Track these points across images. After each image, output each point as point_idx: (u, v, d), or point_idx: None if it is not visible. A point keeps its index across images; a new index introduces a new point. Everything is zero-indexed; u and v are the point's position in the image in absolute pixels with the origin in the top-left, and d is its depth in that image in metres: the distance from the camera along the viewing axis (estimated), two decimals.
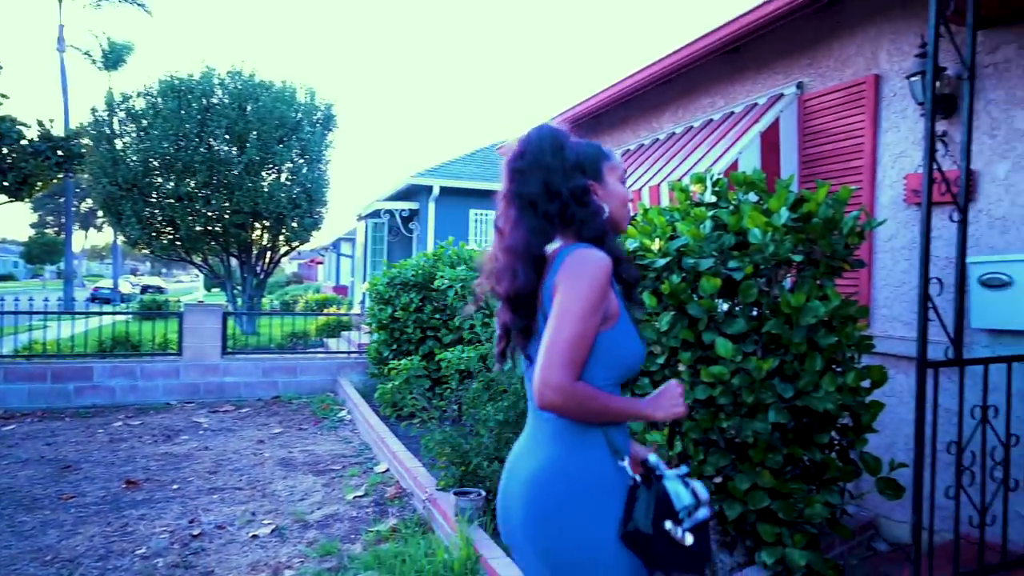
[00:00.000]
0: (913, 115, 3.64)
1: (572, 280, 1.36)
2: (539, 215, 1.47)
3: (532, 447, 1.50)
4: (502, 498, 1.54)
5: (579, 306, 1.34)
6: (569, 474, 1.41)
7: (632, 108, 6.36)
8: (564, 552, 1.39)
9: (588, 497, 1.40)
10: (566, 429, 1.44)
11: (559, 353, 1.32)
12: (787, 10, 4.05)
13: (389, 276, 7.23)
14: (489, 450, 4.06)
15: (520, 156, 1.52)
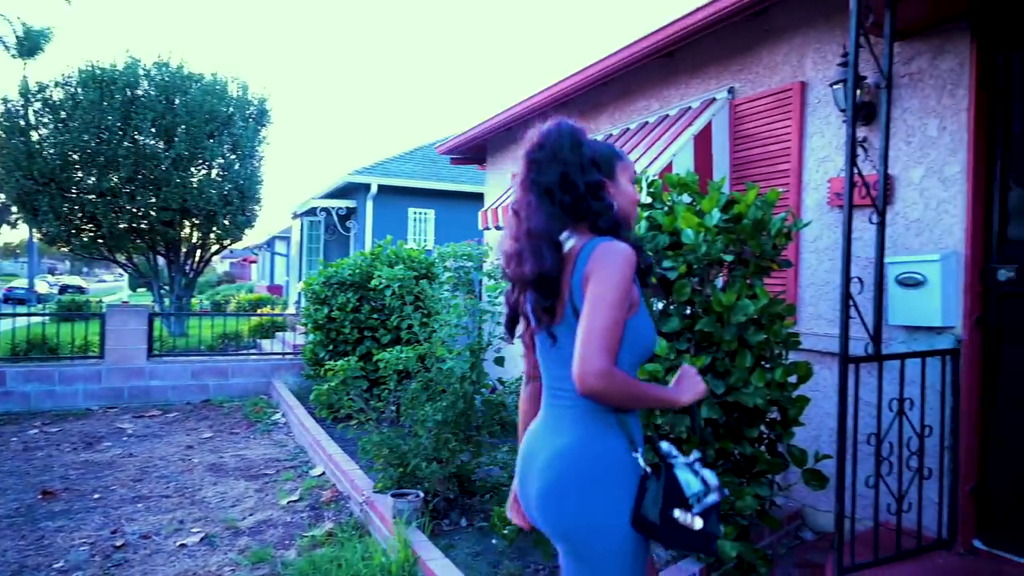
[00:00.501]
0: (836, 121, 3.80)
1: (604, 271, 1.45)
2: (556, 204, 1.55)
3: (552, 431, 1.57)
4: (522, 474, 1.64)
5: (612, 295, 1.43)
6: (588, 458, 1.50)
7: (570, 109, 6.42)
8: (574, 529, 1.49)
9: (602, 481, 1.49)
10: (587, 417, 1.52)
11: (597, 340, 1.40)
12: (718, 17, 4.17)
13: (325, 275, 7.08)
14: (428, 451, 4.03)
15: (539, 147, 1.59)
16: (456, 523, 3.96)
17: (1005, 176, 3.10)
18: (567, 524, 1.50)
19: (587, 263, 1.48)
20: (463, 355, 4.12)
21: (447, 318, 4.27)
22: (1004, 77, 3.11)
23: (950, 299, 3.15)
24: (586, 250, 1.50)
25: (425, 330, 4.55)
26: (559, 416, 1.58)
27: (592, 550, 1.49)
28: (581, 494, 1.49)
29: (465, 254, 4.85)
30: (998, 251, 3.11)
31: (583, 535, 1.49)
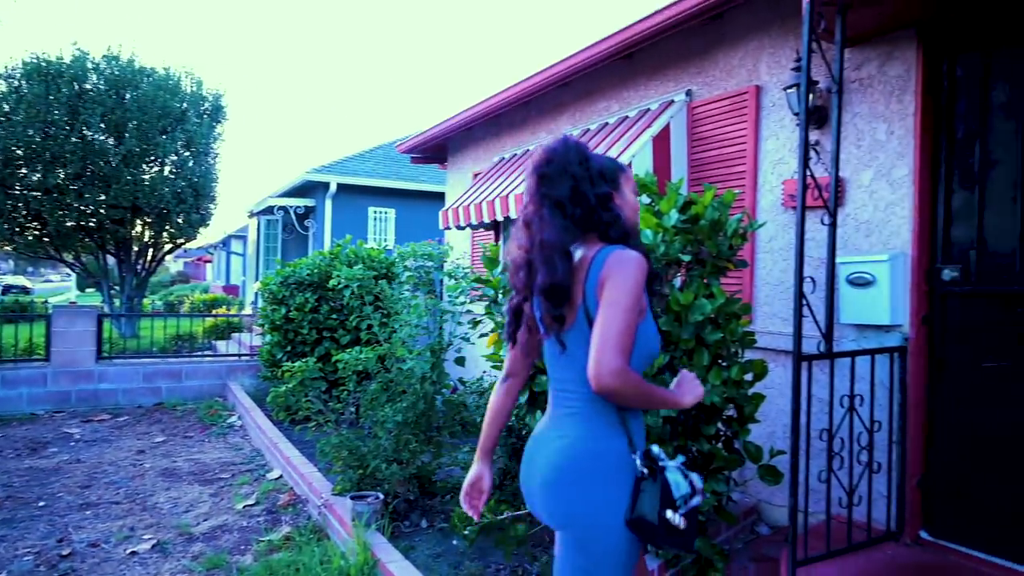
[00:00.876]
0: (790, 124, 3.89)
1: (619, 277, 1.53)
2: (567, 216, 1.63)
3: (557, 429, 1.66)
4: (526, 468, 1.72)
5: (627, 300, 1.51)
6: (590, 455, 1.58)
7: (532, 109, 6.44)
8: (575, 520, 1.58)
9: (603, 478, 1.57)
10: (593, 418, 1.61)
11: (613, 341, 1.47)
12: (676, 20, 4.22)
13: (283, 275, 6.96)
14: (388, 452, 3.99)
15: (548, 162, 1.67)
16: (417, 524, 3.93)
17: (949, 179, 3.21)
18: (568, 515, 1.58)
19: (601, 269, 1.56)
20: (424, 355, 4.09)
21: (407, 318, 4.24)
22: (948, 84, 3.22)
23: (898, 298, 3.25)
24: (599, 257, 1.58)
25: (385, 330, 4.51)
26: (565, 416, 1.65)
27: (591, 542, 1.57)
28: (582, 488, 1.57)
29: (426, 254, 4.83)
30: (943, 252, 3.22)
31: (583, 527, 1.58)
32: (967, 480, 3.08)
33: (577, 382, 1.60)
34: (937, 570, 2.95)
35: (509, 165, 6.32)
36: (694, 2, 4.04)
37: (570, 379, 1.64)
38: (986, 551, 2.98)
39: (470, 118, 6.97)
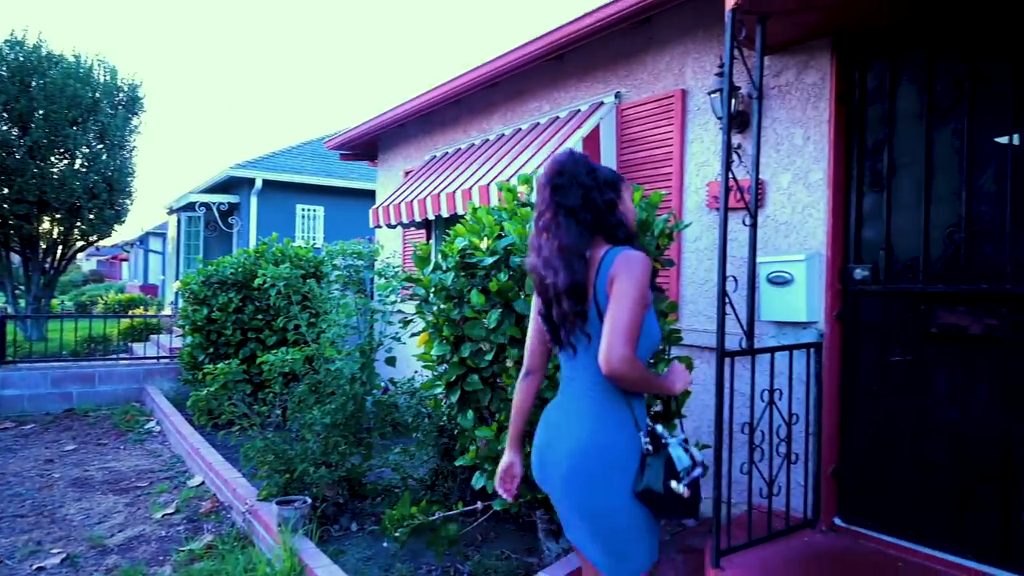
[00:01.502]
0: (714, 128, 4.01)
1: (627, 274, 1.71)
2: (580, 222, 1.81)
3: (574, 421, 1.83)
4: (541, 458, 1.90)
5: (635, 294, 1.69)
6: (607, 447, 1.77)
7: (464, 108, 6.42)
8: (598, 505, 1.77)
9: (618, 465, 1.76)
10: (603, 407, 1.80)
11: (622, 331, 1.66)
12: (605, 23, 4.29)
13: (205, 274, 6.71)
14: (316, 455, 3.90)
15: (559, 174, 1.85)
16: (347, 528, 3.86)
17: (861, 183, 3.38)
18: (591, 503, 1.77)
19: (611, 268, 1.74)
20: (353, 356, 4.02)
21: (336, 318, 4.15)
22: (859, 92, 3.39)
23: (814, 296, 3.40)
24: (608, 257, 1.77)
25: (313, 331, 4.40)
26: (577, 406, 1.84)
27: (610, 522, 1.77)
28: (602, 479, 1.76)
29: (355, 252, 4.75)
30: (855, 252, 3.39)
31: (604, 511, 1.77)
32: (877, 468, 3.25)
33: (589, 370, 1.79)
34: (848, 554, 3.10)
35: (441, 163, 6.28)
36: (622, 6, 4.12)
37: (582, 367, 1.82)
38: (894, 535, 3.15)
39: (401, 115, 6.89)
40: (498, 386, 3.04)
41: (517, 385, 2.09)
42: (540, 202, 1.87)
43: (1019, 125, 2.82)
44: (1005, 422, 2.83)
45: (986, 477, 2.89)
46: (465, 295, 3.01)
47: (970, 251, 2.97)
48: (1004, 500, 2.82)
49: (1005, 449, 2.82)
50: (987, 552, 2.87)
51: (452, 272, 3.05)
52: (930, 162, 3.11)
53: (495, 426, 3.01)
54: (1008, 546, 2.78)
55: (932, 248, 3.10)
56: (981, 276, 2.93)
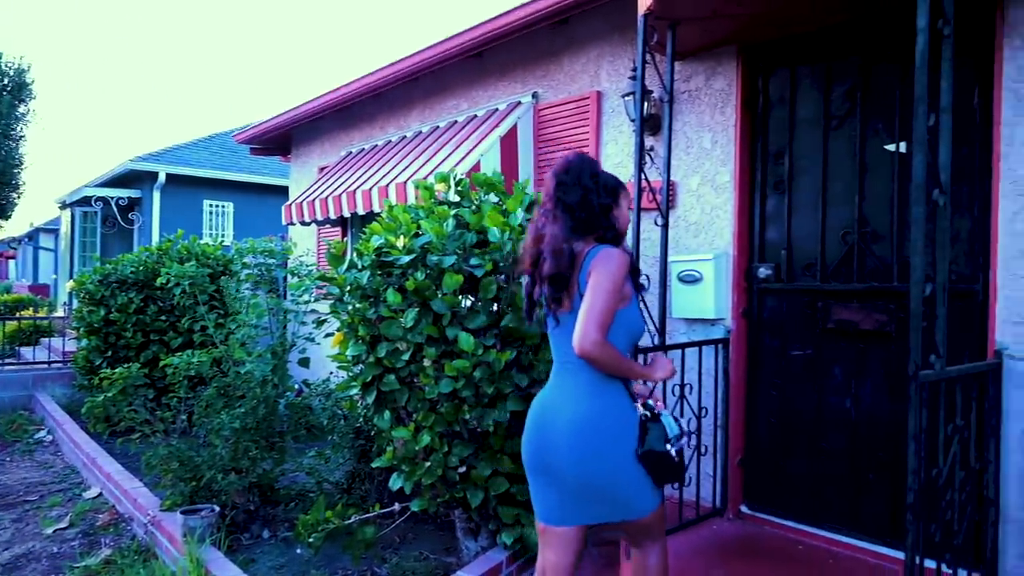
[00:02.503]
0: (628, 130, 4.11)
1: (603, 268, 1.89)
2: (574, 219, 1.98)
3: (567, 396, 1.99)
4: (537, 438, 2.02)
5: (608, 285, 1.87)
6: (605, 416, 1.95)
7: (382, 104, 6.31)
8: (603, 473, 1.93)
9: (617, 432, 1.94)
10: (597, 382, 1.96)
11: (594, 317, 1.84)
12: (523, 23, 4.32)
13: (103, 273, 6.31)
14: (224, 461, 3.74)
15: (566, 172, 2.02)
16: (258, 536, 3.73)
17: (764, 186, 3.54)
18: (597, 472, 1.93)
19: (591, 263, 1.92)
20: (265, 357, 3.88)
21: (246, 318, 4.00)
22: (763, 98, 3.55)
23: (721, 294, 3.54)
24: (591, 254, 1.95)
25: (221, 332, 4.22)
26: (571, 383, 1.99)
27: (619, 485, 1.95)
28: (606, 447, 1.93)
29: (267, 250, 4.59)
30: (759, 252, 3.55)
31: (611, 476, 1.94)
32: (780, 457, 3.42)
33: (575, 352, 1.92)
34: (752, 540, 3.25)
35: (358, 160, 6.15)
36: (540, 6, 4.16)
37: (570, 350, 1.93)
38: (796, 519, 3.33)
39: (317, 109, 6.71)
40: (415, 386, 3.01)
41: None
42: (544, 193, 2.08)
43: (905, 135, 3.03)
44: (892, 411, 3.04)
45: (877, 462, 3.09)
46: (381, 294, 2.96)
47: (862, 251, 3.17)
48: (893, 483, 3.02)
49: (893, 436, 3.02)
50: (879, 532, 3.07)
51: (368, 271, 2.99)
52: (827, 167, 3.29)
53: (412, 426, 2.97)
54: (897, 526, 2.98)
55: (829, 248, 3.28)
56: (872, 275, 3.13)
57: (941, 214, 2.21)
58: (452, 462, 2.92)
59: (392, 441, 3.13)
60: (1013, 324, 2.61)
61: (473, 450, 2.93)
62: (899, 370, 2.99)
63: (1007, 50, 2.65)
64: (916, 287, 2.07)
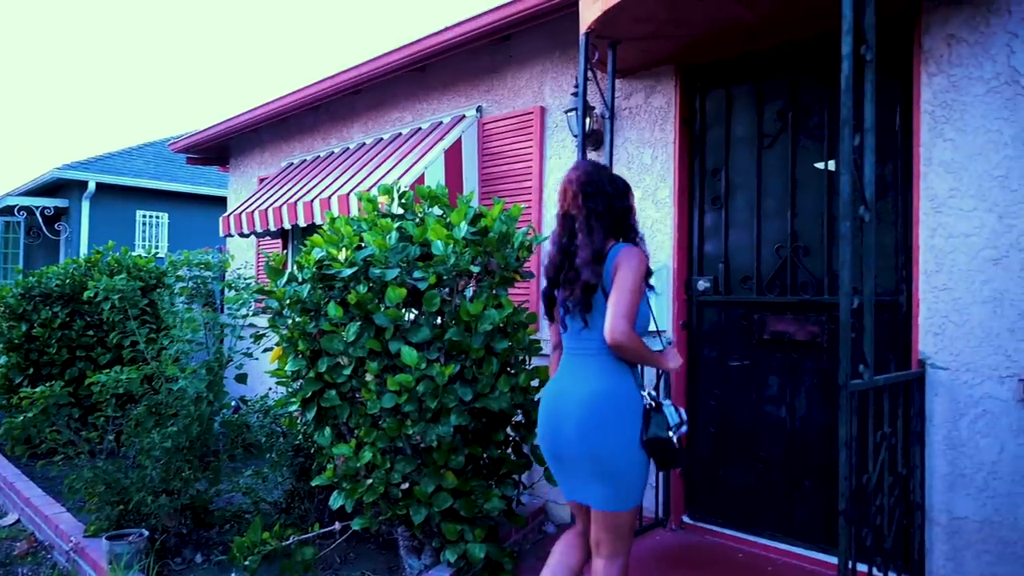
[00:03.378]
0: (571, 145, 4.16)
1: (628, 265, 2.10)
2: (605, 227, 2.17)
3: (582, 379, 2.17)
4: (552, 420, 2.22)
5: (634, 283, 2.08)
6: (615, 397, 2.13)
7: (324, 115, 6.23)
8: (608, 451, 2.10)
9: (624, 414, 2.12)
10: (609, 368, 2.15)
11: (623, 311, 2.05)
12: (466, 39, 4.34)
13: (25, 286, 6.00)
14: (155, 482, 3.59)
15: (589, 183, 2.20)
16: (190, 560, 3.58)
17: (703, 202, 3.63)
18: (602, 442, 2.10)
19: (613, 261, 2.12)
20: (199, 373, 3.75)
21: (180, 333, 3.86)
22: (700, 117, 3.66)
23: (662, 306, 3.60)
24: (614, 251, 2.15)
25: (153, 347, 4.06)
26: (585, 368, 2.18)
27: (617, 463, 2.11)
28: (611, 423, 2.11)
29: (203, 262, 4.45)
30: (698, 265, 3.63)
31: (612, 450, 2.10)
32: (720, 466, 3.49)
33: (598, 342, 2.14)
34: (693, 550, 3.30)
35: (299, 171, 6.05)
36: (482, 22, 4.18)
37: (592, 339, 2.16)
38: (735, 528, 3.39)
39: (257, 119, 6.57)
40: (357, 401, 2.96)
41: (551, 358, 2.45)
42: (570, 204, 2.22)
43: (833, 153, 3.16)
44: (826, 419, 3.14)
45: (812, 470, 3.19)
46: (322, 308, 2.90)
47: (795, 265, 3.28)
48: (827, 490, 3.12)
49: (827, 443, 3.13)
50: (815, 538, 3.16)
51: (308, 284, 2.93)
52: (761, 184, 3.41)
53: (354, 442, 2.92)
54: (832, 532, 3.07)
55: (764, 262, 3.39)
56: (804, 288, 3.24)
57: (867, 229, 2.31)
58: (395, 478, 2.87)
59: (333, 458, 3.06)
60: (934, 335, 2.74)
61: (416, 466, 2.89)
62: (831, 380, 3.10)
63: (924, 75, 2.80)
64: (844, 299, 2.15)
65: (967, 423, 2.65)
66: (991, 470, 2.60)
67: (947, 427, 2.70)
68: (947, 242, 2.72)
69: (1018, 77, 2.57)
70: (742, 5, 2.89)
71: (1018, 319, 2.55)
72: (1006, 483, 2.56)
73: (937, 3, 2.76)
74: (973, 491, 2.64)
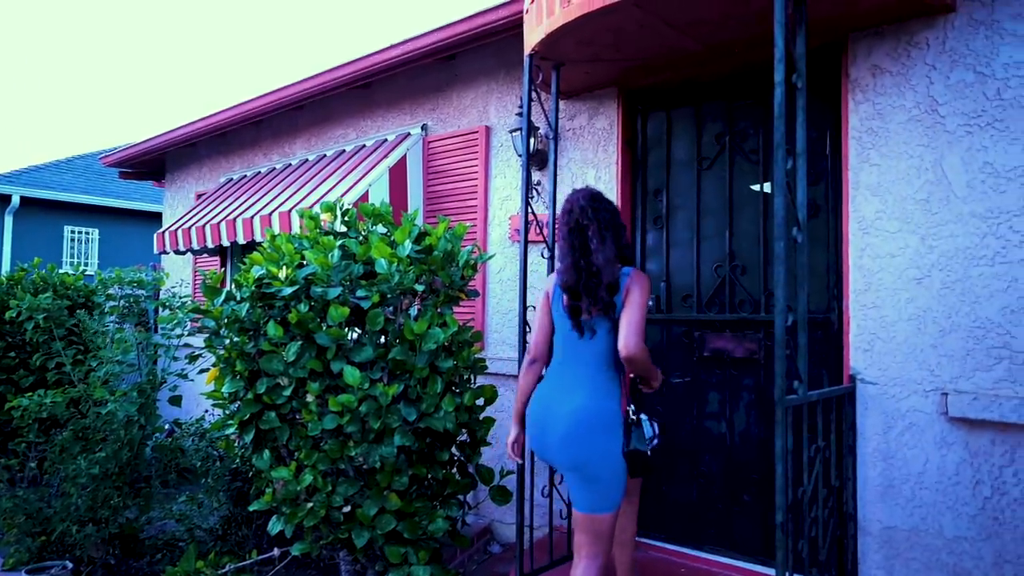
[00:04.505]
0: (516, 164, 4.20)
1: (639, 286, 2.32)
2: (613, 239, 2.40)
3: (575, 388, 2.35)
4: (541, 426, 2.41)
5: (643, 302, 2.31)
6: (599, 412, 2.31)
7: (265, 130, 6.12)
8: (590, 455, 2.29)
9: (608, 427, 2.31)
10: (602, 381, 2.35)
11: (637, 328, 2.26)
12: (410, 57, 4.35)
13: None
14: (81, 511, 3.42)
15: (596, 199, 2.46)
16: None
17: (644, 221, 3.71)
18: (586, 455, 2.29)
19: (627, 282, 2.33)
20: (130, 396, 3.60)
21: (110, 354, 3.70)
22: (642, 139, 3.74)
23: None
24: (624, 272, 2.36)
25: (81, 369, 3.88)
26: (575, 382, 2.36)
27: (600, 472, 2.29)
28: (596, 435, 2.29)
29: (136, 280, 4.30)
30: None
31: (596, 462, 2.29)
32: (663, 482, 3.54)
33: (597, 355, 2.35)
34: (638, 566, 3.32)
35: (239, 187, 5.91)
36: (427, 41, 4.20)
37: (591, 353, 2.36)
38: (678, 543, 3.44)
39: (195, 133, 6.40)
40: (297, 423, 2.89)
41: (523, 370, 2.58)
42: (580, 217, 2.42)
43: (768, 176, 3.28)
44: (763, 434, 3.22)
45: (751, 484, 3.26)
46: (262, 327, 2.83)
47: (733, 284, 3.37)
48: (765, 504, 3.19)
49: (765, 458, 3.20)
50: (754, 551, 3.22)
51: (247, 303, 2.85)
52: (700, 204, 3.50)
53: (294, 465, 2.84)
54: (770, 544, 3.14)
55: (703, 281, 3.47)
56: (742, 306, 3.34)
57: (800, 250, 2.39)
58: (336, 501, 2.81)
59: (272, 482, 2.97)
60: (864, 351, 2.86)
61: (359, 488, 2.83)
62: (768, 395, 3.19)
63: (852, 103, 2.94)
64: (779, 317, 2.22)
65: (895, 436, 2.76)
66: (917, 481, 2.71)
67: (877, 440, 2.80)
68: (874, 262, 2.85)
69: (936, 106, 2.73)
70: (683, 33, 2.99)
71: (940, 336, 2.68)
72: (931, 493, 2.68)
73: (862, 35, 2.91)
74: (902, 501, 2.74)
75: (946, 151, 2.70)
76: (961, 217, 2.65)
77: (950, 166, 2.68)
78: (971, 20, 2.66)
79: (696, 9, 2.75)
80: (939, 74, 2.73)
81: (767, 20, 2.31)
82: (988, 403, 2.53)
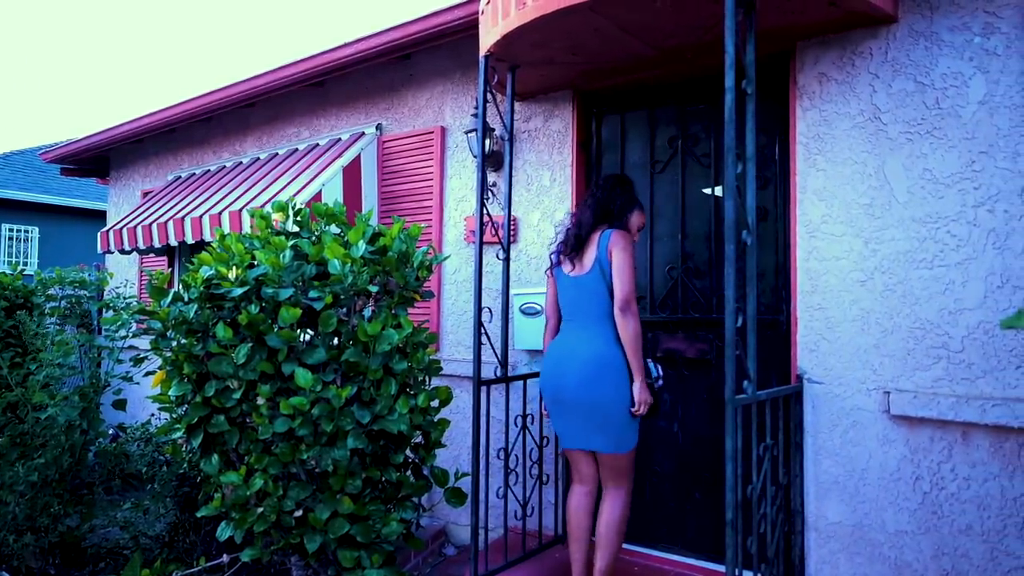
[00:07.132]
0: (471, 165, 4.19)
1: (620, 245, 2.74)
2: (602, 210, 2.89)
3: (586, 341, 2.77)
4: (556, 373, 2.81)
5: (629, 259, 2.74)
6: (613, 357, 2.72)
7: (215, 127, 5.98)
8: (606, 397, 2.70)
9: (619, 370, 2.71)
10: (609, 333, 2.75)
11: (628, 283, 2.71)
12: (365, 55, 4.30)
13: None
14: (19, 520, 3.28)
15: (624, 183, 3.02)
16: None
17: None
18: (601, 396, 2.69)
19: (609, 241, 2.75)
20: (71, 400, 3.48)
21: (50, 357, 3.57)
22: (597, 141, 3.78)
23: None
24: (606, 234, 2.78)
25: (18, 373, 3.73)
26: (592, 332, 2.77)
27: (614, 412, 2.70)
28: (610, 378, 2.70)
29: (78, 280, 4.15)
30: None
31: (610, 402, 2.70)
32: None
33: (595, 306, 2.78)
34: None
35: (187, 185, 5.76)
36: (382, 40, 4.16)
37: (590, 304, 2.79)
38: (634, 542, 3.47)
39: (141, 129, 6.22)
40: (248, 426, 2.82)
41: (548, 325, 3.02)
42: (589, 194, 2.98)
43: (719, 180, 3.34)
44: (714, 432, 3.28)
45: (702, 482, 3.32)
46: (210, 328, 2.76)
47: (685, 285, 3.43)
48: (716, 502, 3.25)
49: (716, 456, 3.27)
50: (705, 549, 3.28)
51: (196, 304, 2.78)
52: (653, 207, 3.55)
53: (243, 470, 2.77)
54: (720, 542, 3.20)
55: (656, 282, 3.52)
56: (694, 307, 3.39)
57: (749, 252, 2.44)
58: (288, 506, 2.75)
59: (221, 487, 2.90)
60: (810, 351, 2.94)
61: (311, 492, 2.78)
62: (719, 395, 3.25)
63: (799, 109, 3.02)
64: (729, 318, 2.27)
65: (840, 433, 2.85)
66: (861, 477, 2.80)
67: (823, 437, 2.88)
68: (821, 264, 2.93)
69: (879, 114, 2.82)
70: (636, 38, 3.02)
71: (882, 336, 2.77)
72: (874, 489, 2.77)
73: (810, 44, 3.00)
74: (846, 497, 2.83)
75: (888, 157, 2.79)
76: (902, 221, 2.75)
77: (892, 172, 2.78)
78: (912, 31, 2.76)
79: (649, 15, 2.79)
80: (882, 83, 2.82)
81: (718, 27, 2.35)
82: (927, 401, 2.63)
